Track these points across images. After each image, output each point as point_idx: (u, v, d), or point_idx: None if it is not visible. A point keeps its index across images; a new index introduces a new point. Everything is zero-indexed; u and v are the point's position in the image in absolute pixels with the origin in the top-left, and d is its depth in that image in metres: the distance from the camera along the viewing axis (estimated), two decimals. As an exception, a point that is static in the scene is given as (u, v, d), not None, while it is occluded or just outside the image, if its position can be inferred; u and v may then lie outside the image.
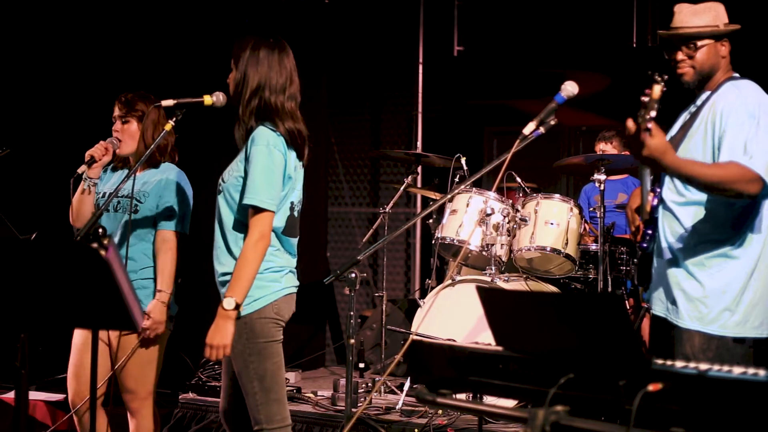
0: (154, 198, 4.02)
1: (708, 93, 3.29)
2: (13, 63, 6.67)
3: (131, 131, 4.06)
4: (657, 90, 2.69)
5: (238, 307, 3.26)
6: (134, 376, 4.01)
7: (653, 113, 2.69)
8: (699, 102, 3.32)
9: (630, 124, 2.78)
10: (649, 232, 3.30)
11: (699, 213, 3.17)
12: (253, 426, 3.38)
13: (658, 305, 3.28)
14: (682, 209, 3.21)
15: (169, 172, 4.10)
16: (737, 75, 3.34)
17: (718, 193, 3.05)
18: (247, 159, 3.34)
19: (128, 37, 6.60)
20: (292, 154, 3.38)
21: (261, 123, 3.36)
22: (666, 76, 2.74)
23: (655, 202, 3.30)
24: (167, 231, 4.02)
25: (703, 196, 3.15)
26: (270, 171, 3.30)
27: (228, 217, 3.40)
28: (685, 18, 3.30)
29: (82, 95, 6.50)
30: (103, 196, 4.05)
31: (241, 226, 3.36)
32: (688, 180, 3.03)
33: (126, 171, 4.14)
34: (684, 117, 3.38)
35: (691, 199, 3.19)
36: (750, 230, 3.15)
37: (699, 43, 3.27)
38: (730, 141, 3.08)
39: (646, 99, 2.69)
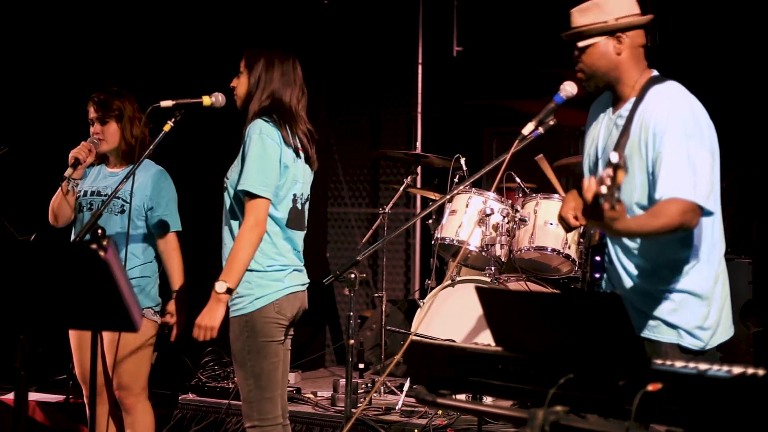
0: (139, 198, 4.03)
1: (633, 101, 3.00)
2: (11, 63, 6.67)
3: (111, 131, 4.11)
4: (621, 176, 2.33)
5: (230, 291, 3.31)
6: (130, 372, 4.03)
7: (618, 194, 2.38)
8: (625, 113, 3.03)
9: (589, 195, 2.49)
10: (597, 259, 3.08)
11: (653, 238, 2.94)
12: (244, 422, 3.45)
13: None
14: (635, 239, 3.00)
15: (151, 170, 4.13)
16: (657, 73, 3.05)
17: (666, 236, 2.86)
18: (243, 152, 3.38)
19: (128, 37, 6.59)
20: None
21: (259, 117, 3.40)
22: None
23: None
24: (170, 233, 4.08)
25: None
26: (262, 158, 3.33)
27: (234, 214, 3.43)
28: (574, 18, 3.06)
29: (81, 96, 6.47)
30: (84, 195, 4.08)
31: None
32: (637, 236, 2.88)
33: (102, 167, 4.19)
34: (607, 125, 3.12)
35: None
36: (707, 245, 2.97)
37: (581, 45, 3.04)
38: (669, 170, 2.85)
39: (608, 181, 2.33)
